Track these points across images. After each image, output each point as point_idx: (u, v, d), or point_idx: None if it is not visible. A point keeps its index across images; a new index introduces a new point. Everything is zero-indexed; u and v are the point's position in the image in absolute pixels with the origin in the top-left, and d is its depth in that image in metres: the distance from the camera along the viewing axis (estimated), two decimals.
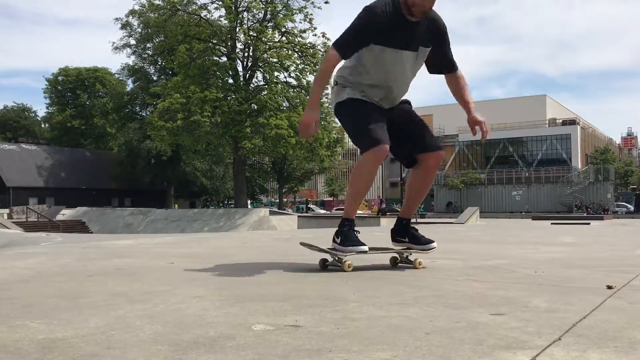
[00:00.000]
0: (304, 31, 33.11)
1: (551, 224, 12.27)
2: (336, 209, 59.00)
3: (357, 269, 2.97)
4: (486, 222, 16.88)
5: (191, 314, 1.83)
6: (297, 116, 31.06)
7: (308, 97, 3.34)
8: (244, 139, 30.99)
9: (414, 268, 3.03)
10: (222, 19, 34.57)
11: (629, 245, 5.26)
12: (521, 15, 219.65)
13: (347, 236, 2.98)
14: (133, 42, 49.76)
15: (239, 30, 33.50)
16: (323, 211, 54.81)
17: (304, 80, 33.67)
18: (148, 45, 49.27)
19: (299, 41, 33.09)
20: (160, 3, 35.83)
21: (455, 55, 3.17)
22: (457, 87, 3.20)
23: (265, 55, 33.41)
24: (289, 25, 33.18)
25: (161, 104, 32.11)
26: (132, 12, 46.64)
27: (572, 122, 64.77)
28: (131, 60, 51.65)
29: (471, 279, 2.66)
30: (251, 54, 34.20)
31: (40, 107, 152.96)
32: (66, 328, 1.63)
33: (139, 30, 49.04)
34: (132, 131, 51.17)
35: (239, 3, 33.30)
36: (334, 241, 3.02)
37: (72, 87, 61.41)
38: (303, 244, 3.23)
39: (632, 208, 49.34)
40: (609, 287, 2.34)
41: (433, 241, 3.22)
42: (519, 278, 2.71)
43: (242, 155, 34.15)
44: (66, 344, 1.45)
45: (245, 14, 33.57)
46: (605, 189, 49.80)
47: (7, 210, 36.12)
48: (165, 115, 31.55)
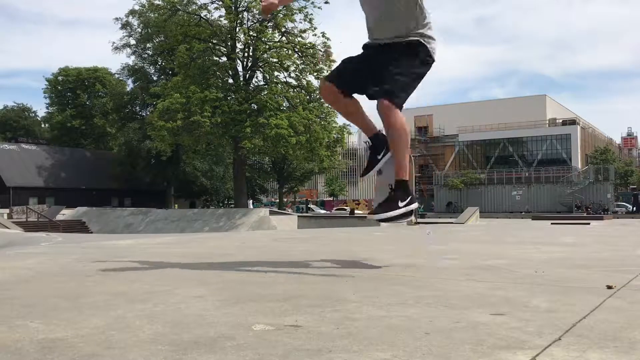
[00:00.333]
0: (304, 31, 33.12)
1: (551, 224, 12.26)
2: (336, 209, 58.98)
3: (379, 262, 2.95)
4: (486, 222, 16.87)
5: (191, 314, 1.83)
6: (297, 116, 31.06)
7: None
8: (244, 139, 30.99)
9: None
10: (222, 19, 34.62)
11: (629, 245, 5.26)
12: (521, 15, 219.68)
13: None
14: (133, 42, 49.79)
15: (239, 30, 33.52)
16: (323, 211, 54.84)
17: (304, 80, 33.67)
18: (148, 45, 49.25)
19: (299, 41, 33.10)
20: (160, 3, 35.84)
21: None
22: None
23: (265, 55, 33.42)
24: (289, 25, 33.19)
25: (161, 104, 32.09)
26: (132, 12, 46.67)
27: (572, 122, 64.75)
28: (131, 60, 51.68)
29: (471, 279, 2.66)
30: (251, 54, 34.21)
31: (40, 107, 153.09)
32: (66, 328, 1.63)
33: (139, 30, 49.04)
34: (132, 131, 51.16)
35: (239, 3, 33.33)
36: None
37: (72, 87, 61.46)
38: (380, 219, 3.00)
39: (632, 208, 49.28)
40: (609, 287, 2.34)
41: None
42: (519, 278, 2.72)
43: (242, 155, 34.15)
44: (66, 344, 1.46)
45: (245, 14, 33.61)
46: (605, 189, 49.80)
47: (7, 210, 36.14)
48: (165, 115, 31.55)
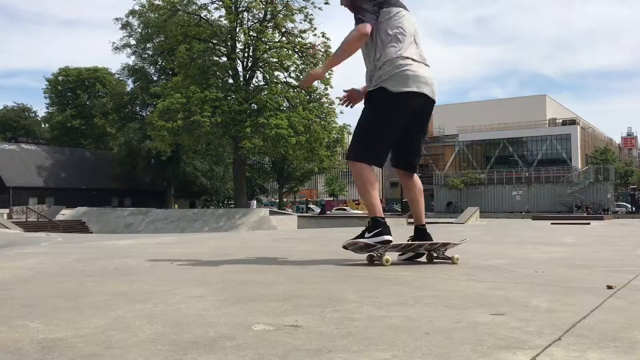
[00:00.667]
0: (304, 31, 33.09)
1: (551, 224, 12.26)
2: (336, 209, 58.97)
3: (379, 262, 2.97)
4: (486, 222, 16.87)
5: (191, 314, 1.83)
6: (297, 116, 31.04)
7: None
8: (244, 139, 30.97)
9: (452, 263, 3.22)
10: (222, 19, 34.58)
11: (629, 245, 5.26)
12: (521, 15, 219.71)
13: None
14: (133, 42, 49.80)
15: (239, 30, 33.49)
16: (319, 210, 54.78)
17: None
18: (148, 45, 49.26)
19: (299, 41, 33.08)
20: (160, 3, 35.82)
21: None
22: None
23: (265, 55, 33.40)
24: (289, 25, 33.17)
25: (161, 104, 32.06)
26: (132, 12, 46.69)
27: (572, 122, 64.73)
28: (131, 60, 51.72)
29: (471, 279, 2.66)
30: (251, 54, 34.19)
31: (40, 107, 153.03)
32: (66, 328, 1.63)
33: (139, 30, 49.05)
34: (132, 131, 51.17)
35: (239, 3, 33.29)
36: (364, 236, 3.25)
37: (72, 87, 61.48)
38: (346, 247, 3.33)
39: (630, 208, 49.25)
40: (609, 287, 2.34)
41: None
42: (519, 278, 2.72)
43: (242, 155, 34.12)
44: (66, 344, 1.45)
45: (245, 14, 33.58)
46: (605, 189, 49.77)
47: (7, 210, 36.13)
48: (165, 115, 31.53)
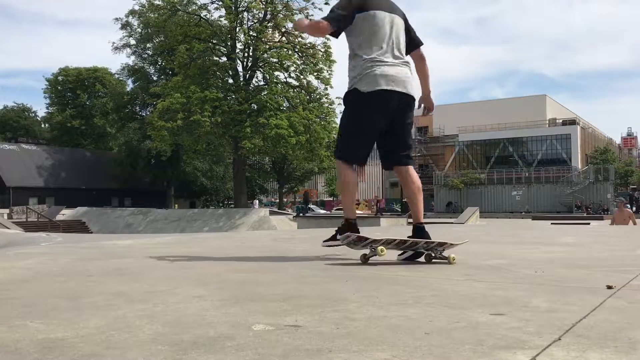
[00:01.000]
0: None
1: (551, 224, 12.27)
2: (336, 209, 58.93)
3: (379, 262, 2.97)
4: (486, 222, 16.88)
5: (191, 314, 1.83)
6: (297, 116, 31.05)
7: None
8: (244, 139, 30.98)
9: (448, 263, 3.21)
10: (222, 19, 34.61)
11: (629, 245, 5.25)
12: (521, 15, 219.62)
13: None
14: (133, 42, 49.75)
15: (239, 30, 33.51)
16: (323, 211, 54.78)
17: (304, 80, 33.65)
18: (148, 45, 49.23)
19: (299, 41, 33.09)
20: (160, 3, 35.84)
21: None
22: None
23: (265, 55, 33.41)
24: (289, 25, 33.17)
25: (161, 103, 32.08)
26: (132, 12, 46.64)
27: (572, 122, 64.67)
28: (131, 60, 51.64)
29: (471, 279, 2.66)
30: (251, 54, 34.20)
31: (40, 107, 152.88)
32: (66, 328, 1.63)
33: (139, 30, 49.00)
34: (132, 131, 51.15)
35: (239, 3, 33.31)
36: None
37: (72, 87, 61.49)
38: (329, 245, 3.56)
39: (630, 207, 49.17)
40: (609, 287, 2.34)
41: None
42: (519, 278, 2.71)
43: (242, 155, 34.13)
44: (66, 344, 1.45)
45: (245, 14, 33.61)
46: (605, 189, 49.72)
47: (7, 210, 36.11)
48: (165, 115, 31.55)
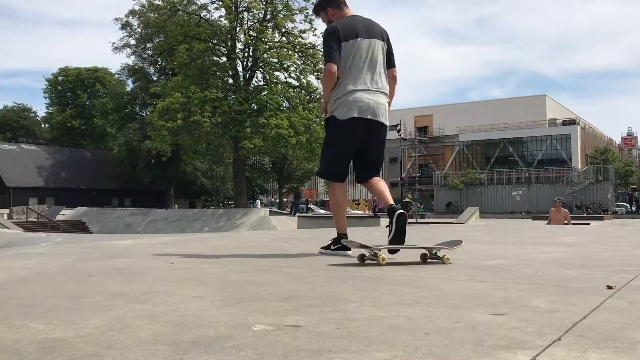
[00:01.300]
0: (304, 31, 33.12)
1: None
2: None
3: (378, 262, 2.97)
4: (486, 222, 16.88)
5: (191, 314, 1.83)
6: (297, 116, 31.06)
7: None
8: (244, 139, 30.98)
9: (442, 263, 3.20)
10: (222, 19, 34.61)
11: (629, 245, 5.25)
12: (521, 15, 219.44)
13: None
14: (133, 42, 49.77)
15: (239, 30, 33.50)
16: (323, 211, 54.76)
17: (304, 81, 33.66)
18: (148, 45, 49.24)
19: (299, 41, 33.09)
20: (160, 3, 35.85)
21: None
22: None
23: (265, 56, 33.41)
24: (289, 25, 33.19)
25: (161, 103, 32.07)
26: (132, 12, 46.63)
27: (572, 122, 64.66)
28: (131, 61, 51.67)
29: (471, 279, 2.66)
30: (251, 54, 34.20)
31: (40, 107, 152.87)
32: (66, 328, 1.63)
33: (139, 30, 49.01)
34: (132, 131, 51.16)
35: (239, 3, 33.31)
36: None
37: (72, 87, 61.50)
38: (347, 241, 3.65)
39: (630, 207, 49.21)
40: (609, 287, 2.34)
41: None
42: (519, 278, 2.71)
43: (242, 155, 34.14)
44: (66, 344, 1.45)
45: (245, 14, 33.59)
46: (605, 189, 49.72)
47: (7, 210, 36.12)
48: (165, 115, 31.54)
